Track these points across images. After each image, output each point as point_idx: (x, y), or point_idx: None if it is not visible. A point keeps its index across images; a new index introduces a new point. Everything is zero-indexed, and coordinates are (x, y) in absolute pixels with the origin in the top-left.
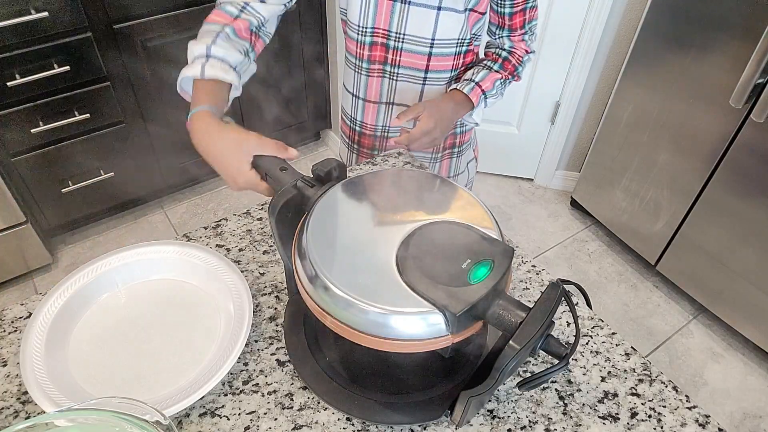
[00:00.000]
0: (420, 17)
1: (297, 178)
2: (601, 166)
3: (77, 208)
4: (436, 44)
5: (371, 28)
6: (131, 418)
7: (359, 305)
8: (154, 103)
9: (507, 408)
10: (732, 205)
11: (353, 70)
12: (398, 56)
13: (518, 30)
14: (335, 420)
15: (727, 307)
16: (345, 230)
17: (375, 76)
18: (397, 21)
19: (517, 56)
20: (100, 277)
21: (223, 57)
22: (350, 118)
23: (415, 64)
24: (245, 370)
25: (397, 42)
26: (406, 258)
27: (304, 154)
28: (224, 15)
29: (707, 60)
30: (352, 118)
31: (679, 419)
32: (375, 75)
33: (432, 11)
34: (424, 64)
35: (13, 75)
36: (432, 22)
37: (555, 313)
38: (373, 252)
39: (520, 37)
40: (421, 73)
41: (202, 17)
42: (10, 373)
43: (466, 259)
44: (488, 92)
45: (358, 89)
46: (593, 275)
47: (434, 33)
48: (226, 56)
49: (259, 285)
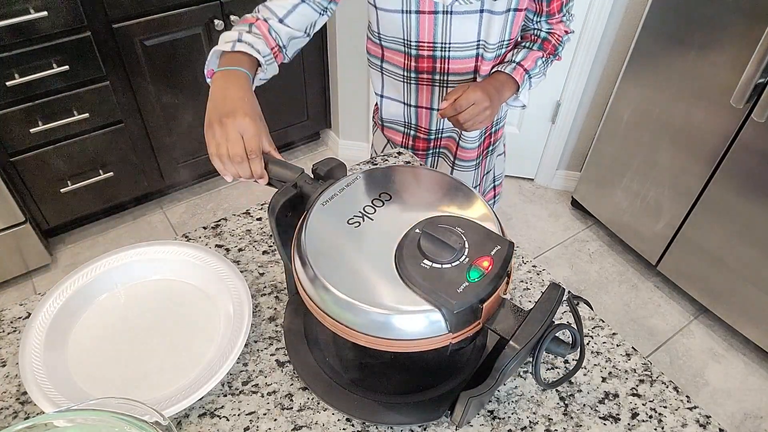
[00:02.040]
0: (463, 24)
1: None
2: (601, 166)
3: (76, 208)
4: (481, 46)
5: (416, 42)
6: (130, 418)
7: (358, 306)
8: (154, 103)
9: (507, 408)
10: (733, 205)
11: (401, 81)
12: (446, 64)
13: (556, 15)
14: (335, 420)
15: (728, 307)
16: (343, 229)
17: (425, 84)
18: (441, 32)
19: (556, 36)
20: (100, 278)
21: (253, 42)
22: (404, 124)
23: (463, 69)
24: (245, 370)
25: (443, 52)
26: (404, 256)
27: (304, 154)
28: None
29: (708, 60)
30: (407, 123)
31: (679, 420)
32: (425, 83)
33: (474, 15)
34: (472, 66)
35: (12, 74)
36: (476, 26)
37: (555, 313)
38: (372, 250)
39: (559, 20)
40: (470, 75)
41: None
42: (9, 373)
43: (465, 257)
44: (531, 71)
45: (409, 98)
46: (594, 275)
47: (479, 35)
48: (255, 42)
49: (258, 285)
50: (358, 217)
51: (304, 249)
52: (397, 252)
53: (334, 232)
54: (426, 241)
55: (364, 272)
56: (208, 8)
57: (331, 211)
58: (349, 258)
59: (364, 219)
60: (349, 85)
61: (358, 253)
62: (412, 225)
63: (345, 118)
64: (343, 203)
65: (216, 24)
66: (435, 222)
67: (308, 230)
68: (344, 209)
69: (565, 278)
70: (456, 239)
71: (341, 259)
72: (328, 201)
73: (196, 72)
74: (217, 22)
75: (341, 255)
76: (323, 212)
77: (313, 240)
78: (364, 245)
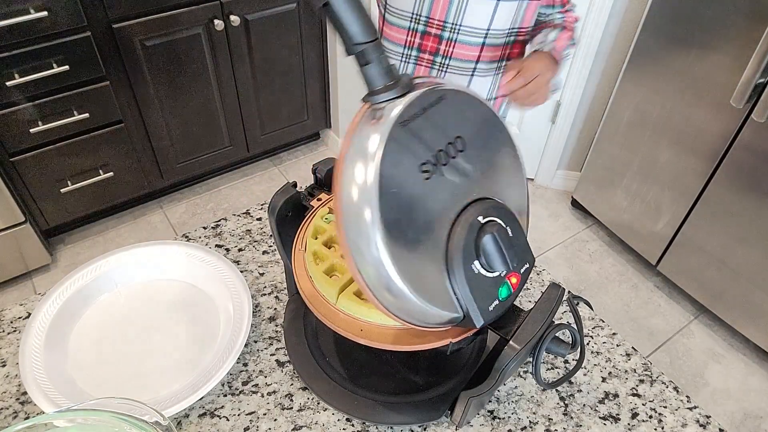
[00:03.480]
0: (478, 7)
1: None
2: (601, 166)
3: (76, 208)
4: (490, 35)
5: (426, 18)
6: (130, 418)
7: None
8: (153, 103)
9: (507, 408)
10: (733, 204)
11: (399, 60)
12: (451, 47)
13: (567, 4)
14: (335, 420)
15: (728, 307)
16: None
17: (423, 65)
18: (455, 12)
19: (569, 24)
20: (100, 277)
21: None
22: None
23: (466, 55)
24: (245, 370)
25: (452, 33)
26: (458, 247)
27: (304, 154)
28: None
29: (708, 59)
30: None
31: (680, 420)
32: (423, 64)
33: (491, 1)
34: (475, 55)
35: (12, 75)
36: (490, 12)
37: (555, 313)
38: (430, 221)
39: (566, 9)
40: (471, 64)
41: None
42: (9, 373)
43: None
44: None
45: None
46: (594, 275)
47: (490, 23)
48: None
49: (258, 285)
50: (431, 163)
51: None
52: (451, 235)
53: (405, 173)
54: (490, 244)
55: (417, 246)
56: (208, 8)
57: (408, 138)
58: (409, 217)
59: (435, 170)
60: (349, 85)
61: (418, 215)
62: (471, 198)
63: (345, 118)
64: (421, 130)
65: (216, 24)
66: (503, 218)
67: (388, 151)
68: (421, 141)
69: (565, 278)
70: (513, 254)
71: (403, 213)
72: (408, 121)
73: (196, 72)
74: (217, 22)
75: (404, 208)
76: (401, 134)
77: (388, 168)
78: (425, 209)
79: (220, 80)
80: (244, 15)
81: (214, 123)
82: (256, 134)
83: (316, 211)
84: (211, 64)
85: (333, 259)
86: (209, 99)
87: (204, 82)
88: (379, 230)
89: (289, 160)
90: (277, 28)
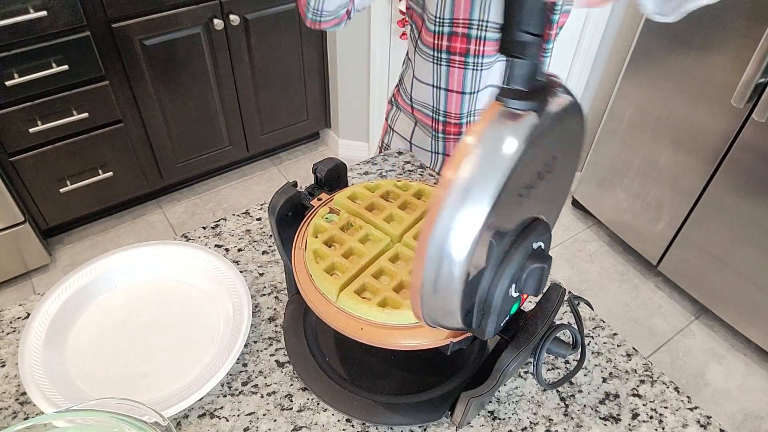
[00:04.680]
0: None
1: None
2: (602, 166)
3: (76, 208)
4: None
5: (449, 19)
6: (130, 419)
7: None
8: (153, 103)
9: (508, 409)
10: (734, 204)
11: (431, 62)
12: (482, 46)
13: None
14: (335, 421)
15: (729, 307)
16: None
17: (456, 67)
18: (479, 8)
19: None
20: (99, 278)
21: None
22: (432, 109)
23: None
24: (244, 371)
25: (480, 31)
26: (506, 269)
27: (304, 154)
28: None
29: (708, 59)
30: (435, 108)
31: (680, 420)
32: (456, 66)
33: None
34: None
35: (12, 74)
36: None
37: (556, 314)
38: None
39: None
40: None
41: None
42: (9, 373)
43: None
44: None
45: (439, 80)
46: (594, 275)
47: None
48: None
49: (258, 285)
50: (532, 180)
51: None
52: (508, 254)
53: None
54: (536, 274)
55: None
56: (208, 8)
57: (531, 154)
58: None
59: (532, 190)
60: (349, 85)
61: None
62: (529, 216)
63: (345, 118)
64: (539, 139)
65: (215, 23)
66: (548, 244)
67: (521, 160)
68: (533, 159)
69: (566, 278)
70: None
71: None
72: (538, 138)
73: (195, 71)
74: (216, 21)
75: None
76: (529, 149)
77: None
78: (503, 225)
79: (219, 80)
80: (244, 14)
81: (214, 123)
82: (256, 134)
83: (316, 210)
84: (210, 64)
85: (333, 257)
86: (209, 99)
87: (203, 82)
88: (482, 222)
89: (288, 160)
90: (277, 27)
